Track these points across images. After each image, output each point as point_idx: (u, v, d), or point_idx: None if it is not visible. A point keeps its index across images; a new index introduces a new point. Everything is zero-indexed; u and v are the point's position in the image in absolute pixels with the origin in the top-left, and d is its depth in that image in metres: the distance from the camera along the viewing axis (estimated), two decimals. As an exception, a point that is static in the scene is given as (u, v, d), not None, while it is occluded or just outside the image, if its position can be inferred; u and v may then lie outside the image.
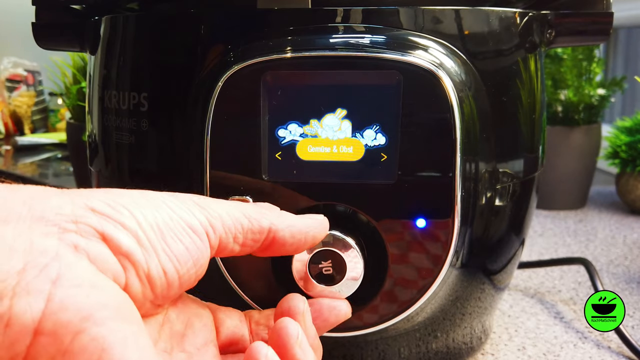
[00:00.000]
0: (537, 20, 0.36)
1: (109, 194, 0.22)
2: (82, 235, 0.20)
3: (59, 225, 0.20)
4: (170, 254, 0.22)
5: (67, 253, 0.19)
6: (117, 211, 0.21)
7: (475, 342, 0.41)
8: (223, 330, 0.27)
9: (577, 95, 0.77)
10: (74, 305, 0.19)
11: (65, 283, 0.19)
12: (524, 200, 0.38)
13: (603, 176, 1.02)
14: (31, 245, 0.19)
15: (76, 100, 0.82)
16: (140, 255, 0.21)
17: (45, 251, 0.19)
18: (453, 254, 0.32)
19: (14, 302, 0.18)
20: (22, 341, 0.18)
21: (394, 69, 0.30)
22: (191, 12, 0.34)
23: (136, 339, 0.20)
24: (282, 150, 0.31)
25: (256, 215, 0.26)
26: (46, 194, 0.21)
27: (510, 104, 0.35)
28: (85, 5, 0.40)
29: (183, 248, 0.23)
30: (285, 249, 0.27)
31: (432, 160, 0.31)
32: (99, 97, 0.37)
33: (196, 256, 0.23)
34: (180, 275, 0.23)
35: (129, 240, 0.21)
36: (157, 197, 0.23)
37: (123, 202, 0.22)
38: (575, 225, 0.75)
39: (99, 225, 0.20)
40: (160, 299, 0.23)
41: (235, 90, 0.31)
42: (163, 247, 0.22)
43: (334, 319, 0.30)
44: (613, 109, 1.26)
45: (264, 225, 0.26)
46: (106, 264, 0.20)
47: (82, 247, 0.20)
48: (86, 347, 0.19)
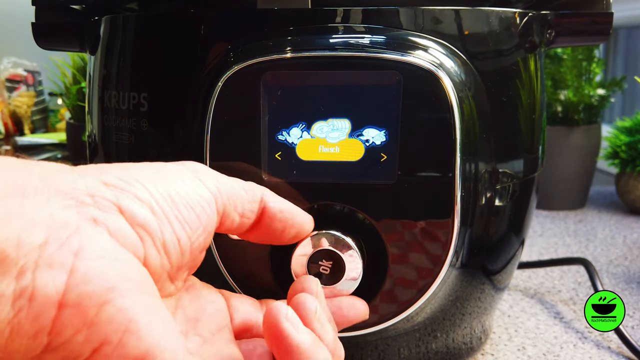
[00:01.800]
0: (537, 20, 0.36)
1: (119, 168, 0.22)
2: (100, 208, 0.20)
3: (76, 199, 0.20)
4: (183, 222, 0.23)
5: (87, 226, 0.19)
6: (130, 184, 0.22)
7: (475, 342, 0.41)
8: (237, 317, 0.27)
9: (577, 96, 0.77)
10: (97, 277, 0.19)
11: (88, 255, 0.19)
12: (523, 200, 0.38)
13: (603, 176, 1.02)
14: (51, 218, 0.19)
15: (76, 100, 0.82)
16: (155, 225, 0.21)
17: (65, 224, 0.19)
18: (453, 254, 0.32)
19: (36, 275, 0.18)
20: (46, 314, 0.18)
21: (394, 69, 0.30)
22: (191, 12, 0.34)
23: (160, 311, 0.20)
24: (281, 151, 0.31)
25: (250, 187, 0.27)
26: (59, 168, 0.21)
27: (510, 104, 0.35)
28: (85, 5, 0.40)
29: (194, 215, 0.23)
30: (274, 225, 0.28)
31: (432, 161, 0.31)
32: (99, 97, 0.37)
33: (206, 223, 0.24)
34: (192, 241, 0.23)
35: (144, 211, 0.21)
36: (166, 168, 0.24)
37: (134, 175, 0.22)
38: (575, 225, 0.75)
39: (114, 198, 0.21)
40: (175, 269, 0.23)
41: (235, 91, 0.31)
42: (176, 214, 0.22)
43: (353, 315, 0.30)
44: (613, 109, 1.26)
45: (257, 194, 0.27)
46: (125, 237, 0.20)
47: (101, 220, 0.20)
48: (112, 318, 0.19)
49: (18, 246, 0.18)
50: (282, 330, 0.22)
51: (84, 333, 0.19)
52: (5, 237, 0.17)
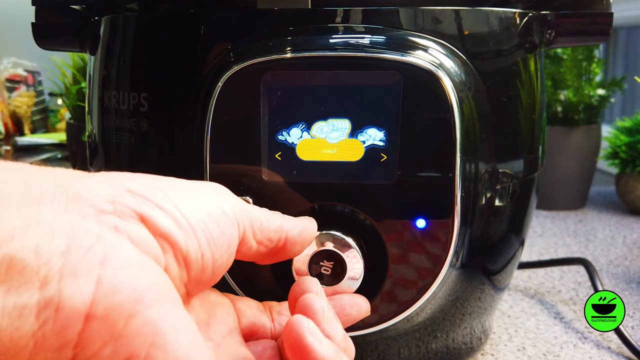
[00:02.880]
0: (537, 20, 0.36)
1: (145, 177, 0.22)
2: (120, 216, 0.19)
3: (96, 206, 0.19)
4: (209, 237, 0.22)
5: (109, 234, 0.19)
6: (154, 194, 0.21)
7: (475, 343, 0.41)
8: (243, 320, 0.27)
9: (577, 96, 0.77)
10: (125, 287, 0.18)
11: (114, 264, 0.18)
12: (523, 200, 0.38)
13: (603, 176, 1.02)
14: (71, 226, 0.18)
15: (76, 100, 0.82)
16: (180, 236, 0.21)
17: (86, 232, 0.18)
18: (453, 254, 0.32)
19: (62, 286, 0.17)
20: (73, 327, 0.17)
21: (394, 69, 0.30)
22: (191, 12, 0.34)
23: (186, 322, 0.19)
24: (282, 151, 0.31)
25: (271, 216, 0.26)
26: (77, 174, 0.20)
27: (510, 104, 0.35)
28: (85, 5, 0.40)
29: (220, 232, 0.22)
30: (295, 249, 0.27)
31: (432, 161, 0.31)
32: (99, 97, 0.37)
33: (229, 241, 0.23)
34: (215, 259, 0.22)
35: (167, 222, 0.20)
36: (192, 183, 0.24)
37: (159, 185, 0.21)
38: (575, 225, 0.75)
39: (136, 206, 0.20)
40: (192, 284, 0.22)
41: (236, 91, 0.31)
42: (202, 228, 0.22)
43: (356, 314, 0.30)
44: (613, 109, 1.26)
45: (277, 224, 0.26)
46: (147, 246, 0.20)
47: (123, 229, 0.19)
48: (140, 331, 0.18)
49: (37, 254, 0.17)
50: (307, 345, 0.22)
51: (110, 347, 0.18)
52: (22, 246, 0.17)
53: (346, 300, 0.30)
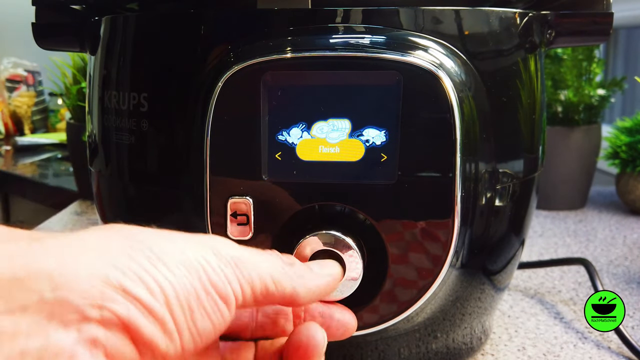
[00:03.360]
0: (537, 20, 0.36)
1: (146, 253, 0.21)
2: (105, 325, 0.19)
3: (82, 313, 0.18)
4: (195, 332, 0.21)
5: (84, 352, 0.18)
6: (150, 289, 0.20)
7: (475, 343, 0.41)
8: None
9: (577, 96, 0.77)
10: None
11: None
12: (523, 200, 0.38)
13: (603, 176, 1.02)
14: (47, 342, 0.17)
15: (76, 100, 0.82)
16: (162, 342, 0.20)
17: (61, 351, 0.17)
18: (453, 254, 0.32)
19: None
20: None
21: (394, 69, 0.30)
22: (191, 12, 0.34)
23: None
24: (282, 151, 0.31)
25: (281, 278, 0.24)
26: (79, 261, 0.19)
27: (510, 104, 0.35)
28: (85, 5, 0.40)
29: (209, 324, 0.21)
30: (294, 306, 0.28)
31: (432, 161, 0.31)
32: (99, 97, 0.37)
33: (219, 328, 0.22)
34: (197, 346, 0.22)
35: (153, 329, 0.20)
36: (194, 256, 0.22)
37: (158, 270, 0.20)
38: (575, 225, 0.75)
39: (124, 312, 0.19)
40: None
41: (236, 91, 0.31)
42: (189, 326, 0.21)
43: (341, 335, 0.29)
44: (613, 109, 1.26)
45: (287, 292, 0.25)
46: (123, 356, 0.19)
47: (102, 343, 0.19)
48: None
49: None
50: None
51: None
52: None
53: (335, 320, 0.29)
